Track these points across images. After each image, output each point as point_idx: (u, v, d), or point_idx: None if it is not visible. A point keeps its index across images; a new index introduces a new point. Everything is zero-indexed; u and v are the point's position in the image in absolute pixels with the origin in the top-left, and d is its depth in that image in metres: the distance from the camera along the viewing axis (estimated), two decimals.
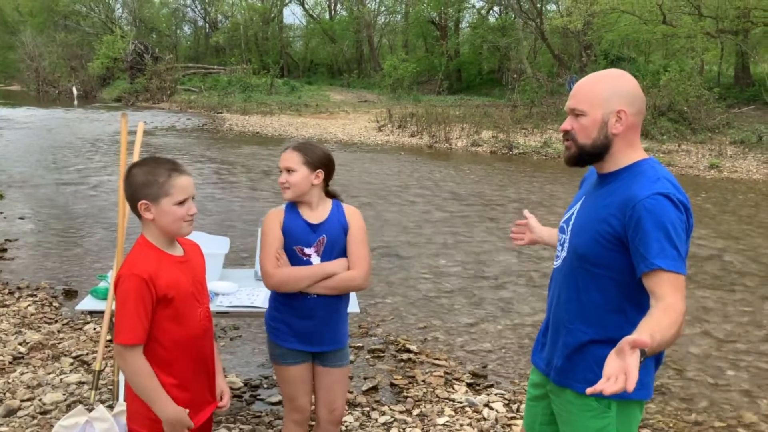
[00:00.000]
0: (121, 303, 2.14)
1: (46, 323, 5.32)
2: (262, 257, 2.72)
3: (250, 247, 6.77)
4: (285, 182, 2.77)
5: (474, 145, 17.99)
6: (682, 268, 1.92)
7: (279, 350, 2.79)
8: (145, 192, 2.19)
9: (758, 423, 4.11)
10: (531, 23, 31.34)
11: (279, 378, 2.88)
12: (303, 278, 2.68)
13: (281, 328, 2.77)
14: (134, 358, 2.16)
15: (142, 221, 2.24)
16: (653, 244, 1.91)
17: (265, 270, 2.70)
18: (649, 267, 1.91)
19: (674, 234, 1.92)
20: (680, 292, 1.90)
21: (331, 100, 32.33)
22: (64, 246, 7.74)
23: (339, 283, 2.72)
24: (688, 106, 18.56)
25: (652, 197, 1.94)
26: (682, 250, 1.93)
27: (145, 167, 2.22)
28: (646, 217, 1.92)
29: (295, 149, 2.78)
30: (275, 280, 2.69)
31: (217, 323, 5.29)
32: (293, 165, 2.76)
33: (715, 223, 9.41)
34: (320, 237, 2.74)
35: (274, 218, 2.78)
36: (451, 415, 3.98)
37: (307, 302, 2.73)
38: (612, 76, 2.11)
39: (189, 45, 53.91)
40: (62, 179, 12.06)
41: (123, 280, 2.15)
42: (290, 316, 2.75)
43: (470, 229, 8.85)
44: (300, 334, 2.75)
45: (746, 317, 5.86)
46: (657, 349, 1.78)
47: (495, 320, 5.64)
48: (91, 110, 27.96)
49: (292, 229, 2.74)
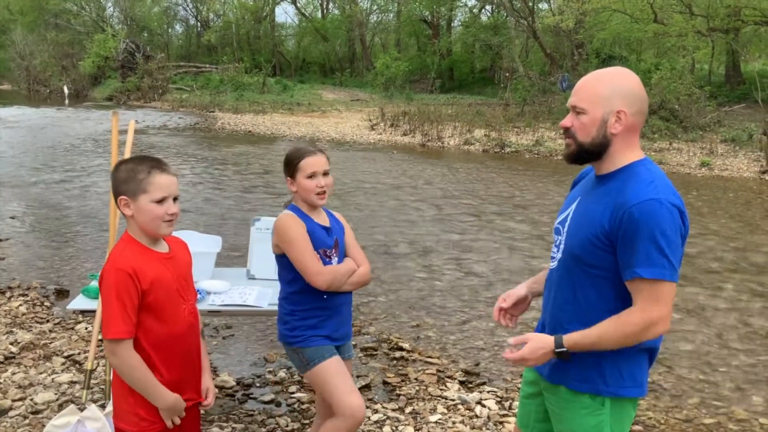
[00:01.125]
0: (106, 298, 2.15)
1: (37, 323, 5.30)
2: (306, 259, 2.69)
3: (243, 245, 6.76)
4: (325, 186, 2.77)
5: (466, 144, 18.02)
6: (667, 275, 1.93)
7: (312, 352, 2.77)
8: (124, 188, 2.21)
9: (748, 419, 4.14)
10: (523, 22, 31.37)
11: (323, 382, 2.77)
12: (344, 274, 2.77)
13: (307, 333, 2.77)
14: (126, 352, 2.16)
15: (126, 218, 2.26)
16: (639, 252, 1.93)
17: (316, 270, 2.69)
18: (631, 275, 1.96)
19: (663, 241, 1.92)
20: (661, 301, 1.94)
21: (323, 99, 32.30)
22: (55, 245, 7.71)
23: (359, 279, 2.84)
24: (679, 105, 18.63)
25: (643, 203, 1.94)
26: (672, 256, 1.94)
27: (129, 164, 2.25)
28: (635, 224, 1.93)
29: (321, 152, 2.78)
30: (329, 277, 2.71)
31: (209, 322, 5.30)
32: (328, 168, 2.79)
33: (705, 221, 9.46)
34: (334, 239, 2.84)
35: (297, 223, 2.74)
36: (444, 413, 3.99)
37: (336, 299, 2.80)
38: (615, 74, 2.09)
39: (181, 44, 53.72)
40: (54, 178, 12.01)
41: (107, 275, 2.16)
42: (317, 320, 2.77)
43: (463, 228, 8.86)
44: (330, 332, 2.80)
45: (736, 314, 5.90)
46: (588, 348, 2.02)
47: (487, 318, 5.65)
48: (82, 109, 27.85)
49: (315, 232, 2.76)
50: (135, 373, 2.17)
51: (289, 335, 2.80)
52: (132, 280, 2.14)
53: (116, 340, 2.13)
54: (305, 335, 2.77)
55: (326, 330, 2.79)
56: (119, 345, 2.14)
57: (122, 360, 2.16)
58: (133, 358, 2.17)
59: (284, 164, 2.82)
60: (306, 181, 2.74)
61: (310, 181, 2.73)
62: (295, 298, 2.80)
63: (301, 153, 2.77)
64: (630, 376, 2.09)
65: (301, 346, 2.77)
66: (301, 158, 2.75)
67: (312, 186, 2.73)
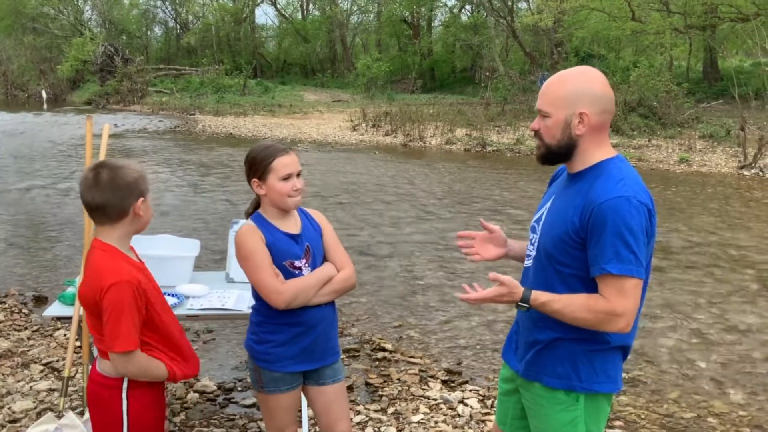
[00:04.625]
0: (117, 312, 2.11)
1: (15, 330, 5.23)
2: (261, 277, 2.43)
3: (222, 249, 6.72)
4: (300, 188, 2.51)
5: (448, 143, 18.05)
6: (635, 271, 1.95)
7: (271, 377, 2.53)
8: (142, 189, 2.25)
9: (728, 413, 4.18)
10: (502, 21, 31.52)
11: (268, 408, 2.60)
12: (311, 286, 2.48)
13: (274, 353, 2.51)
14: (137, 360, 2.19)
15: (133, 218, 2.24)
16: (607, 249, 1.95)
17: (272, 288, 2.41)
18: (600, 272, 1.98)
19: (631, 238, 1.94)
20: (627, 296, 1.97)
21: (304, 101, 32.21)
22: (33, 252, 7.63)
23: (339, 286, 2.56)
24: (657, 102, 18.78)
25: (611, 200, 1.96)
26: (639, 252, 1.96)
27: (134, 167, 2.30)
28: (604, 222, 1.95)
29: (292, 150, 2.53)
30: (288, 296, 2.42)
31: (189, 326, 5.26)
32: (300, 168, 2.52)
33: (685, 217, 9.55)
34: (305, 246, 2.55)
35: (254, 234, 2.46)
36: (426, 413, 3.99)
37: (310, 315, 2.51)
38: (577, 75, 2.10)
39: (160, 46, 53.28)
40: (32, 184, 11.87)
41: (115, 289, 2.11)
42: (288, 336, 2.50)
43: (444, 227, 8.87)
44: (299, 354, 2.52)
45: (715, 309, 5.95)
46: (549, 313, 2.05)
47: (469, 317, 5.67)
48: (60, 114, 27.55)
49: (277, 243, 2.48)
50: (146, 371, 2.23)
51: (255, 348, 2.55)
52: (138, 291, 2.16)
53: (130, 352, 2.15)
54: (271, 356, 2.52)
55: (298, 348, 2.52)
56: (133, 355, 2.17)
57: (134, 367, 2.19)
58: (143, 361, 2.21)
59: (249, 165, 2.51)
60: (280, 183, 2.46)
61: (285, 184, 2.46)
62: (264, 310, 2.52)
63: (272, 152, 2.47)
64: (603, 371, 2.11)
65: (262, 366, 2.54)
66: (273, 158, 2.46)
67: (287, 189, 2.46)
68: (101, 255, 2.19)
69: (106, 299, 2.10)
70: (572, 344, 2.10)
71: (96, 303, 2.13)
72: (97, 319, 2.18)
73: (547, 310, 2.05)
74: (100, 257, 2.19)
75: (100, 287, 2.11)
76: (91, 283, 2.16)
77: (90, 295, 2.15)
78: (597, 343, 2.09)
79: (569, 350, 2.11)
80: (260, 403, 2.68)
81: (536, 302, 2.05)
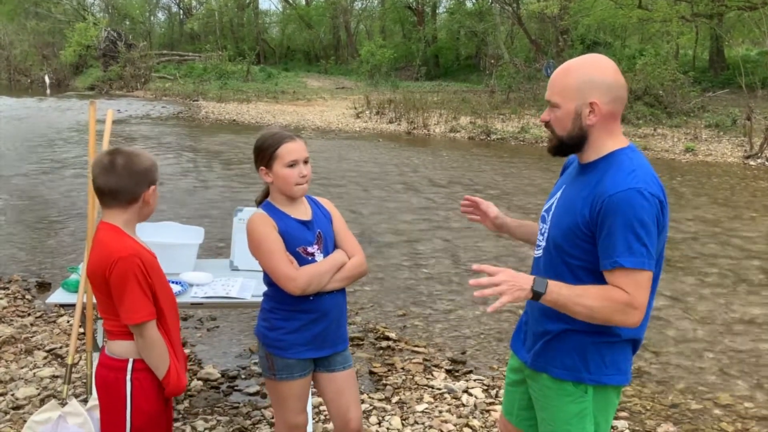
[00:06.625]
0: (124, 285, 2.16)
1: (18, 316, 5.22)
2: (275, 264, 2.43)
3: (226, 236, 6.70)
4: (307, 175, 2.50)
5: (452, 131, 17.97)
6: (647, 264, 1.91)
7: (285, 363, 2.52)
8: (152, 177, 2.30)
9: (734, 404, 4.16)
10: (508, 8, 31.27)
11: (280, 396, 2.59)
12: (325, 272, 2.48)
13: (287, 339, 2.51)
14: (152, 332, 2.22)
15: (142, 206, 2.30)
16: (619, 242, 1.91)
17: (286, 274, 2.41)
18: (612, 265, 1.93)
19: (642, 231, 1.90)
20: (641, 289, 1.92)
21: (308, 87, 32.09)
22: (37, 238, 7.61)
23: (351, 272, 2.57)
24: (663, 90, 18.66)
25: (622, 192, 1.91)
26: (650, 245, 1.92)
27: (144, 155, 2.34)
28: (614, 214, 1.91)
29: (299, 137, 2.51)
30: (302, 282, 2.41)
31: (193, 314, 5.25)
32: (308, 154, 2.50)
33: (690, 207, 9.50)
34: (317, 232, 2.55)
35: (266, 222, 2.47)
36: (430, 402, 3.98)
37: (323, 301, 2.51)
38: (586, 64, 2.05)
39: (163, 32, 53.10)
40: (35, 169, 11.85)
41: (123, 262, 2.16)
42: (301, 322, 2.50)
43: (448, 215, 8.83)
44: (311, 340, 2.53)
45: (721, 299, 5.92)
46: (557, 307, 1.96)
47: (474, 306, 5.64)
48: (64, 99, 27.48)
49: (289, 230, 2.48)
50: (157, 349, 2.25)
51: (268, 335, 2.55)
52: (144, 264, 2.20)
53: (143, 323, 2.19)
54: (284, 342, 2.52)
55: (310, 334, 2.52)
56: (147, 326, 2.20)
57: (149, 339, 2.22)
58: (157, 336, 2.24)
59: (256, 152, 2.51)
60: (286, 170, 2.45)
61: (291, 171, 2.45)
62: (277, 296, 2.52)
63: (278, 139, 2.46)
64: (613, 363, 2.09)
65: (274, 353, 2.53)
66: (279, 145, 2.45)
67: (294, 176, 2.45)
68: (108, 233, 2.24)
69: (114, 273, 2.15)
70: (582, 336, 2.07)
71: (105, 279, 2.17)
72: (106, 297, 2.21)
73: (567, 295, 1.95)
74: (107, 235, 2.23)
75: (108, 262, 2.16)
76: (98, 259, 2.20)
77: (98, 272, 2.19)
78: (608, 335, 2.06)
79: (579, 342, 2.08)
80: (270, 391, 2.65)
81: (553, 295, 1.94)
